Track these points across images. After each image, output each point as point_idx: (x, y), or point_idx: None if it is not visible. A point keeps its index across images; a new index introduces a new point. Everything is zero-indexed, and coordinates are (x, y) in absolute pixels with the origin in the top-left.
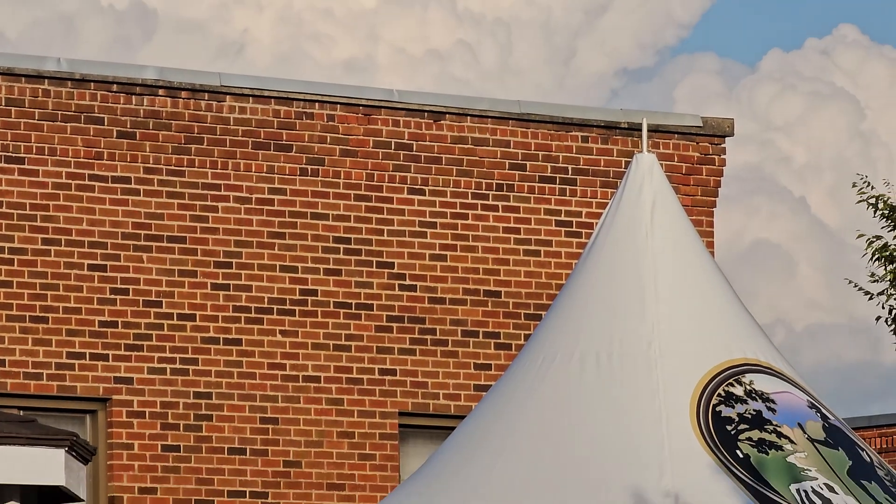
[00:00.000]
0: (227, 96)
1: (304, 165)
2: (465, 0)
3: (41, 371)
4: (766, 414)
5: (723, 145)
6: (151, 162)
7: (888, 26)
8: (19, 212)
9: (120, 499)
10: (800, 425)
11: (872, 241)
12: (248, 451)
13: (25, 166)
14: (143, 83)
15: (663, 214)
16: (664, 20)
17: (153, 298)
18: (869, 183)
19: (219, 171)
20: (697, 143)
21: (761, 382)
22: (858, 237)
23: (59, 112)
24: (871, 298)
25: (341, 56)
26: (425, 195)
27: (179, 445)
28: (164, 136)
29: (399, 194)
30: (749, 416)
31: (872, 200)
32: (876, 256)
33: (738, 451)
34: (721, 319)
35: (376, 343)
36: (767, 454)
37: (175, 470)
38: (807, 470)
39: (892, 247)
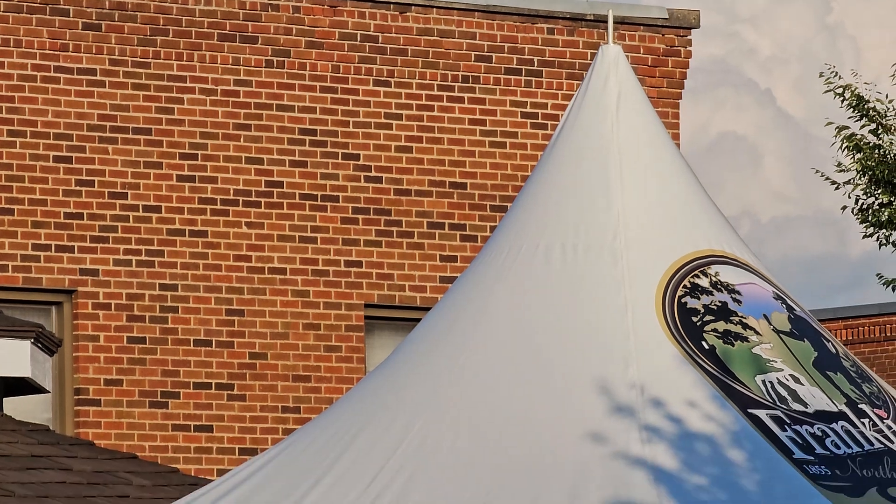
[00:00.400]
0: None
1: (269, 57)
2: None
3: (7, 263)
4: (732, 305)
5: (689, 37)
6: (117, 54)
7: None
8: None
9: (86, 390)
10: (765, 317)
11: (842, 130)
12: (213, 342)
13: None
14: None
15: (629, 106)
16: None
17: (119, 190)
18: (837, 73)
19: (184, 62)
20: (663, 34)
21: (727, 274)
22: (827, 125)
23: (25, 4)
24: (837, 188)
25: None
26: (391, 87)
27: (145, 337)
28: (130, 27)
29: (365, 86)
30: (714, 307)
31: (840, 90)
32: (844, 145)
33: (703, 343)
34: (687, 211)
35: (342, 235)
36: (733, 345)
37: (141, 362)
38: (772, 361)
39: (860, 137)
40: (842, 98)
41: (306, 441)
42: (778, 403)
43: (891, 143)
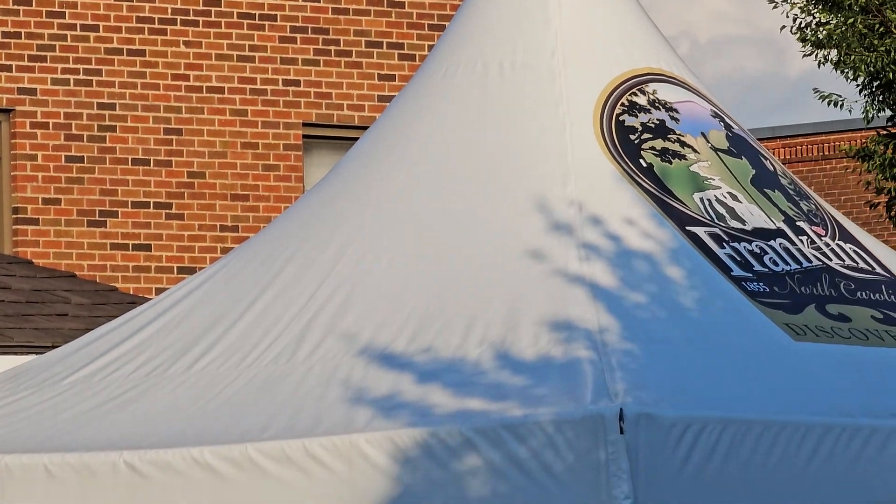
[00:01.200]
0: None
1: None
2: None
3: None
4: (670, 123)
5: None
6: None
7: None
8: None
9: (24, 209)
10: (703, 134)
11: None
12: (151, 161)
13: None
14: None
15: None
16: None
17: (56, 9)
18: None
19: None
20: None
21: (665, 92)
22: None
23: None
24: (775, 7)
25: None
26: None
27: (83, 156)
28: None
29: None
30: (652, 125)
31: None
32: None
33: (641, 161)
34: (625, 29)
35: (280, 54)
36: (671, 163)
37: (79, 181)
38: (710, 179)
39: None
40: None
41: (244, 260)
42: (716, 221)
43: None
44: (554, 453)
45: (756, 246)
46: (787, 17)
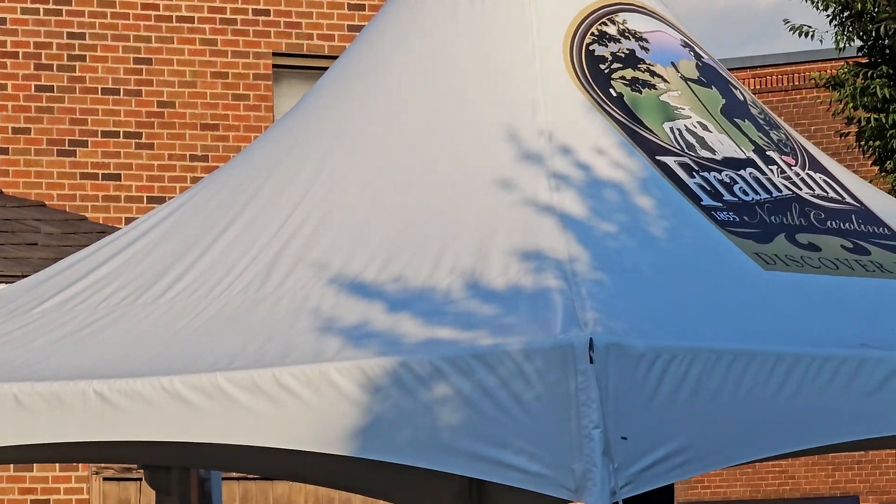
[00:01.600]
0: None
1: None
2: None
3: None
4: (640, 53)
5: None
6: None
7: None
8: None
9: None
10: (673, 64)
11: None
12: (121, 91)
13: None
14: None
15: None
16: None
17: None
18: None
19: None
20: None
21: (634, 21)
22: None
23: None
24: None
25: None
26: None
27: (53, 86)
28: None
29: None
30: (622, 55)
31: None
32: None
33: (611, 90)
34: None
35: None
36: (641, 93)
37: (48, 110)
38: (680, 108)
39: None
40: None
41: (214, 189)
42: (686, 150)
43: None
44: (523, 383)
45: (726, 175)
46: None
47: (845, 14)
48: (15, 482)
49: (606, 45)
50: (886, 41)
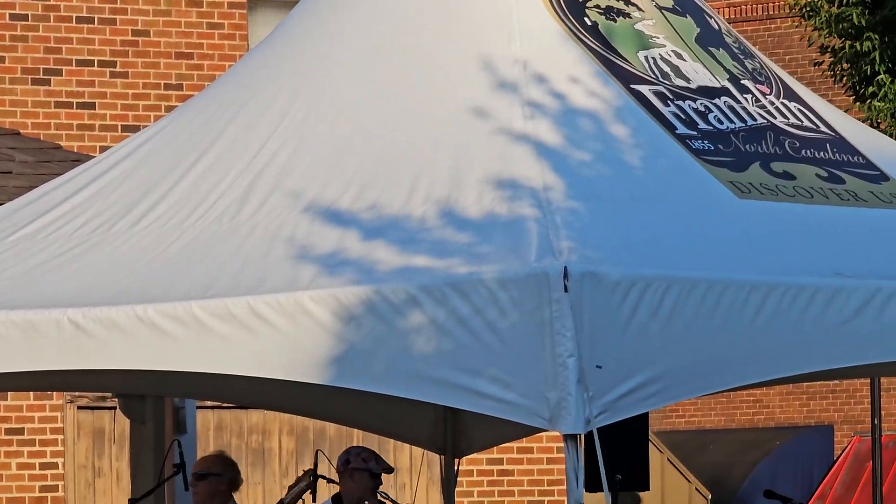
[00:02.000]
0: None
1: None
2: None
3: None
4: None
5: None
6: None
7: None
8: None
9: None
10: None
11: None
12: (96, 19)
13: None
14: None
15: None
16: None
17: None
18: None
19: None
20: None
21: None
22: None
23: None
24: None
25: None
26: None
27: (27, 14)
28: None
29: None
30: None
31: None
32: None
33: (585, 19)
34: None
35: None
36: (615, 21)
37: (23, 38)
38: (655, 37)
39: None
40: None
41: (188, 118)
42: (661, 79)
43: None
44: (498, 311)
45: (701, 104)
46: None
47: None
48: None
49: None
50: None
